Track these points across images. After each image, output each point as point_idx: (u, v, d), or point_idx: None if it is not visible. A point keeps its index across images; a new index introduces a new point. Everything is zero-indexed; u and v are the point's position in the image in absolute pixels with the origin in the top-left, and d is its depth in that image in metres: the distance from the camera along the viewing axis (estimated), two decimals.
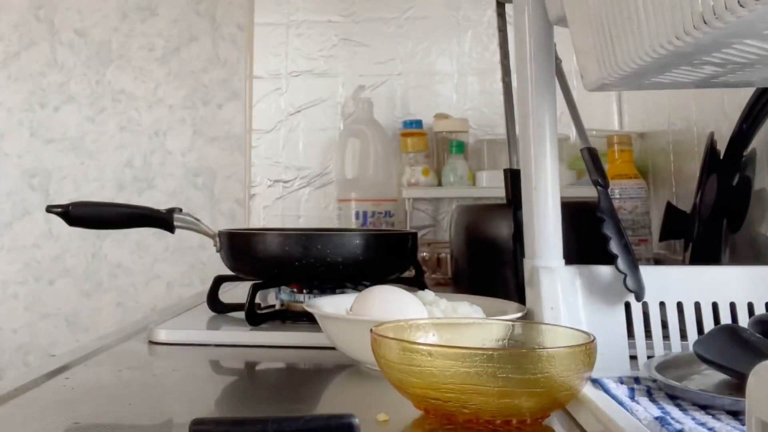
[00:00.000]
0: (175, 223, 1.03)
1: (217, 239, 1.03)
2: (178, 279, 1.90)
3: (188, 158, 1.90)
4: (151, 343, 0.89)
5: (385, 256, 1.01)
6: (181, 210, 1.04)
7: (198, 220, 1.05)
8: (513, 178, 0.98)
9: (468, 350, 0.54)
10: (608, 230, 0.72)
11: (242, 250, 1.02)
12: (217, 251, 1.04)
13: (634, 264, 0.71)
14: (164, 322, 0.95)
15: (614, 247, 0.71)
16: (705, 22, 0.43)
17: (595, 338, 0.57)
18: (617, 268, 0.70)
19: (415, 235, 1.07)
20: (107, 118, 1.92)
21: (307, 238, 0.97)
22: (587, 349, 0.55)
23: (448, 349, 0.55)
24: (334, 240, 0.98)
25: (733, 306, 0.70)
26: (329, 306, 0.82)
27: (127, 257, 1.90)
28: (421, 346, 0.56)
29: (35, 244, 1.90)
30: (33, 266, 1.90)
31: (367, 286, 1.00)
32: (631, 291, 0.70)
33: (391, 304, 0.75)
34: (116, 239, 1.89)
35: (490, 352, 0.55)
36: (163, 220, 1.03)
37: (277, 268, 0.97)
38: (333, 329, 0.76)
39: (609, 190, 0.76)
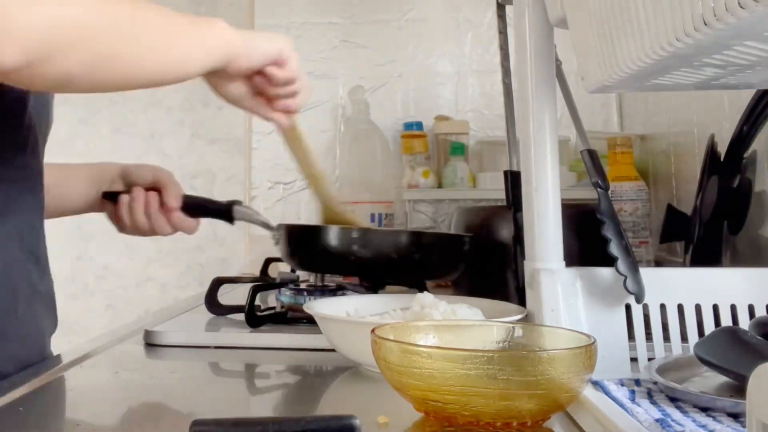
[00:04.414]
0: (235, 215, 1.04)
1: (276, 232, 1.05)
2: (174, 281, 1.89)
3: (186, 160, 1.90)
4: (148, 344, 0.89)
5: (441, 256, 1.02)
6: (241, 202, 1.05)
7: (258, 213, 1.06)
8: (513, 180, 0.98)
9: (468, 352, 0.54)
10: (608, 232, 0.72)
11: (303, 243, 1.03)
12: (275, 244, 1.05)
13: (634, 266, 0.70)
14: (161, 324, 0.94)
15: (614, 248, 0.71)
16: (705, 24, 0.43)
17: (595, 340, 0.57)
18: (617, 270, 0.70)
19: (473, 238, 1.07)
20: (102, 120, 1.91)
21: (365, 234, 0.99)
22: (588, 351, 0.55)
23: (448, 351, 0.55)
24: (392, 238, 0.99)
25: (733, 308, 0.70)
26: (329, 308, 0.82)
27: (114, 259, 1.88)
28: (421, 348, 0.55)
29: None
30: None
31: (366, 288, 1.00)
32: (631, 293, 0.70)
33: None
34: (102, 241, 1.86)
35: (491, 354, 0.54)
36: (223, 211, 1.04)
37: (337, 261, 0.99)
38: (332, 331, 0.76)
39: (609, 191, 0.76)
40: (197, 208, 1.03)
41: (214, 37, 0.78)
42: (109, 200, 1.01)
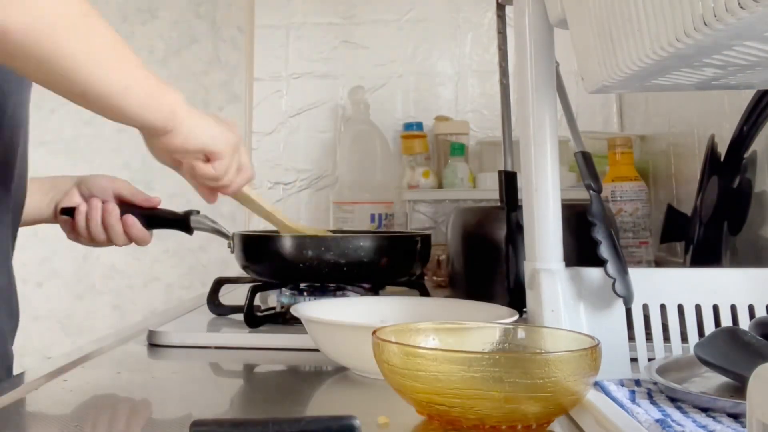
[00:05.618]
0: (192, 225, 1.04)
1: (232, 241, 1.05)
2: (178, 281, 1.89)
3: None
4: (150, 345, 0.89)
5: (398, 257, 1.02)
6: (198, 212, 1.05)
7: (215, 222, 1.06)
8: (507, 180, 0.98)
9: (474, 355, 0.54)
10: (599, 234, 0.71)
11: (256, 251, 1.03)
12: (231, 252, 1.05)
13: (623, 268, 0.70)
14: (163, 324, 0.94)
15: (605, 251, 0.70)
16: (705, 24, 0.43)
17: (599, 342, 0.56)
18: (607, 273, 0.69)
19: (428, 237, 1.07)
20: (105, 120, 1.90)
21: (319, 240, 0.98)
22: (593, 353, 0.55)
23: (453, 353, 0.55)
24: (344, 242, 0.98)
25: (733, 308, 0.70)
26: (317, 309, 0.81)
27: (121, 259, 1.88)
28: (426, 351, 0.55)
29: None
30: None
31: (367, 289, 1.00)
32: (619, 296, 0.69)
33: None
34: None
35: (497, 357, 0.54)
36: (180, 221, 1.04)
37: (290, 269, 0.98)
38: (317, 333, 0.76)
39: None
40: (155, 218, 1.03)
41: (162, 100, 0.77)
42: (67, 215, 1.01)
